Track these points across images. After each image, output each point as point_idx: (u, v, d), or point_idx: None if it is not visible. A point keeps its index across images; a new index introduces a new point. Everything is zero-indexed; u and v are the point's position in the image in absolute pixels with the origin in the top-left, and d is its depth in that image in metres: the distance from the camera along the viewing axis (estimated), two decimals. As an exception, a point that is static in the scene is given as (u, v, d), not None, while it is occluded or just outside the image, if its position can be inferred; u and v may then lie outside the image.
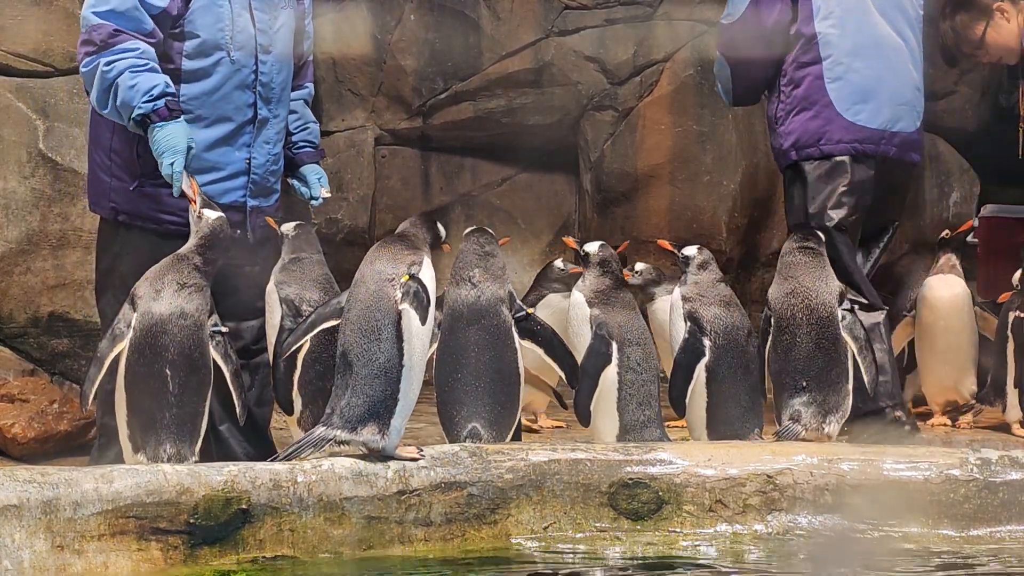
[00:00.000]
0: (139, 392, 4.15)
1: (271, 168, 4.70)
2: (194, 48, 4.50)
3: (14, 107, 6.33)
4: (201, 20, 4.49)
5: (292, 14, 4.73)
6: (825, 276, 4.66)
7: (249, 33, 4.57)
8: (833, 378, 4.58)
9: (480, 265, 4.52)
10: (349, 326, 3.92)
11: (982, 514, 4.06)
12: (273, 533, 3.76)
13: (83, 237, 6.21)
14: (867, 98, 5.21)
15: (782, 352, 4.60)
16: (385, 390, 3.87)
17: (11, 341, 6.39)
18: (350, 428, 3.86)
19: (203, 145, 4.51)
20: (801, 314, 4.59)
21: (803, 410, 4.56)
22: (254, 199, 4.66)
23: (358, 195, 7.19)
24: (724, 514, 4.05)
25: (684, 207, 7.23)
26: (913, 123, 5.32)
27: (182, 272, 4.23)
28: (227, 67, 4.54)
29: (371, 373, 3.86)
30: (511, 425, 4.47)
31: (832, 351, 4.58)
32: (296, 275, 4.58)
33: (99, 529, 3.58)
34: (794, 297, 4.61)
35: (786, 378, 4.60)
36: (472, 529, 3.96)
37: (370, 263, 3.98)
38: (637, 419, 4.60)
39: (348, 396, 3.86)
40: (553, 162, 7.51)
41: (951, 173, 7.54)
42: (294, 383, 4.47)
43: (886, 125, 5.24)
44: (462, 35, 7.17)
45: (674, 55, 7.25)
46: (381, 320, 3.87)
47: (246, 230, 4.66)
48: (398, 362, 3.88)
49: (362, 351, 3.86)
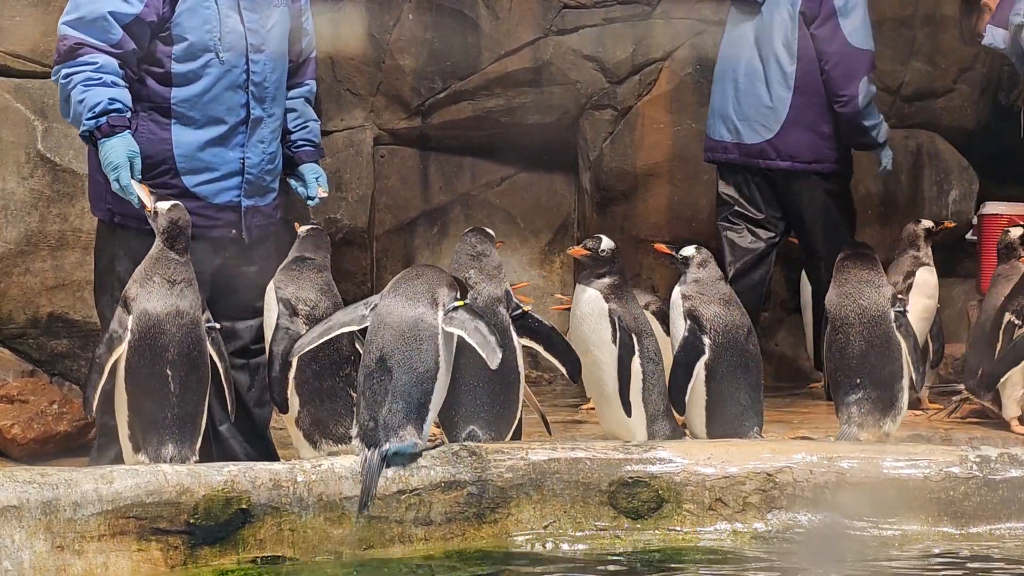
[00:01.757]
0: (140, 393, 4.15)
1: (267, 167, 4.69)
2: (183, 51, 4.50)
3: (12, 108, 6.33)
4: (188, 23, 4.49)
5: (286, 12, 4.72)
6: (878, 279, 4.81)
7: (239, 33, 4.55)
8: (887, 376, 4.72)
9: (475, 266, 4.53)
10: (388, 331, 3.98)
11: (982, 512, 4.06)
12: (273, 533, 3.76)
13: (82, 238, 6.21)
14: (714, 115, 6.39)
15: (837, 351, 4.76)
16: (422, 397, 3.97)
17: (10, 342, 6.39)
18: (396, 436, 3.93)
19: (196, 146, 4.52)
20: (854, 314, 4.75)
21: (857, 410, 4.69)
22: (249, 199, 4.65)
23: (357, 195, 7.18)
24: (724, 512, 4.05)
25: (683, 205, 7.22)
26: (759, 136, 6.22)
27: (167, 268, 4.23)
28: (217, 68, 4.52)
29: (411, 380, 3.95)
30: (510, 425, 4.48)
31: (885, 349, 4.72)
32: (296, 276, 4.58)
33: (99, 529, 3.58)
34: (847, 298, 4.78)
35: (841, 376, 4.74)
36: (472, 528, 3.96)
37: (408, 281, 4.10)
38: (658, 409, 4.69)
39: (390, 402, 3.93)
40: (552, 161, 7.51)
41: (950, 171, 7.52)
42: (289, 382, 4.47)
43: (726, 137, 6.32)
44: (461, 34, 7.16)
45: (673, 54, 7.24)
46: (424, 332, 3.99)
47: (241, 230, 4.65)
48: (435, 369, 3.99)
49: (403, 358, 3.96)
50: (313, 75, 4.98)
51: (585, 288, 4.74)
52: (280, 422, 4.79)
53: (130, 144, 4.34)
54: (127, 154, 4.31)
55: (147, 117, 4.50)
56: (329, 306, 4.49)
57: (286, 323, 4.45)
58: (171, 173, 4.51)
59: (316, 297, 4.52)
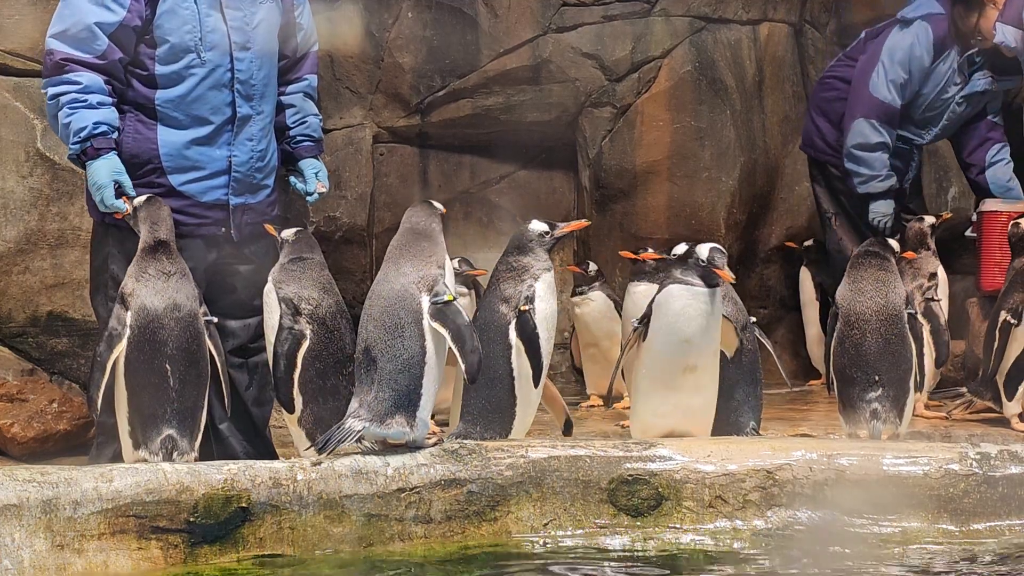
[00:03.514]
0: (140, 389, 4.16)
1: (256, 165, 4.67)
2: (165, 53, 4.50)
3: (12, 106, 6.33)
4: (168, 24, 4.49)
5: (275, 8, 4.69)
6: (893, 276, 4.81)
7: (221, 32, 4.54)
8: (903, 375, 4.73)
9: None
10: (371, 322, 3.99)
11: (982, 508, 4.06)
12: (273, 531, 3.76)
13: (81, 236, 6.21)
14: None
15: (852, 348, 4.74)
16: (409, 384, 3.96)
17: (10, 340, 6.39)
18: (380, 421, 3.93)
19: (182, 145, 4.54)
20: (871, 311, 4.73)
21: (880, 407, 4.69)
22: (238, 197, 4.64)
23: (356, 193, 7.17)
24: (724, 510, 4.05)
25: (683, 203, 7.22)
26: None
27: (160, 261, 4.25)
28: (200, 69, 4.52)
29: (396, 368, 3.95)
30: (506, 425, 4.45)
31: (901, 348, 4.73)
32: (295, 275, 4.57)
33: (99, 528, 3.58)
34: (862, 294, 4.76)
35: (857, 373, 4.72)
36: (472, 526, 3.96)
37: (394, 264, 4.07)
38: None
39: (375, 391, 3.93)
40: (551, 159, 7.50)
41: (949, 168, 7.52)
42: (295, 382, 4.47)
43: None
44: (460, 32, 7.16)
45: (672, 51, 7.23)
46: (404, 318, 3.98)
47: (230, 228, 4.64)
48: (421, 357, 3.97)
49: (386, 347, 3.96)
50: (313, 69, 4.95)
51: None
52: (280, 420, 4.79)
53: (114, 165, 4.43)
54: (111, 175, 4.41)
55: (133, 118, 4.52)
56: (331, 304, 4.48)
57: (289, 323, 4.45)
58: (158, 172, 4.53)
59: (318, 295, 4.52)
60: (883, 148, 6.47)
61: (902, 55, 6.41)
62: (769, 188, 7.48)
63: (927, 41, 6.40)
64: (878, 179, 6.50)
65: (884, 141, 6.46)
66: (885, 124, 6.43)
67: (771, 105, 7.46)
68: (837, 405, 4.82)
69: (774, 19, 7.48)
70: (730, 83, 7.24)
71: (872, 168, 6.49)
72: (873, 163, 6.48)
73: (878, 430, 4.68)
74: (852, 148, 6.49)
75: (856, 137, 6.46)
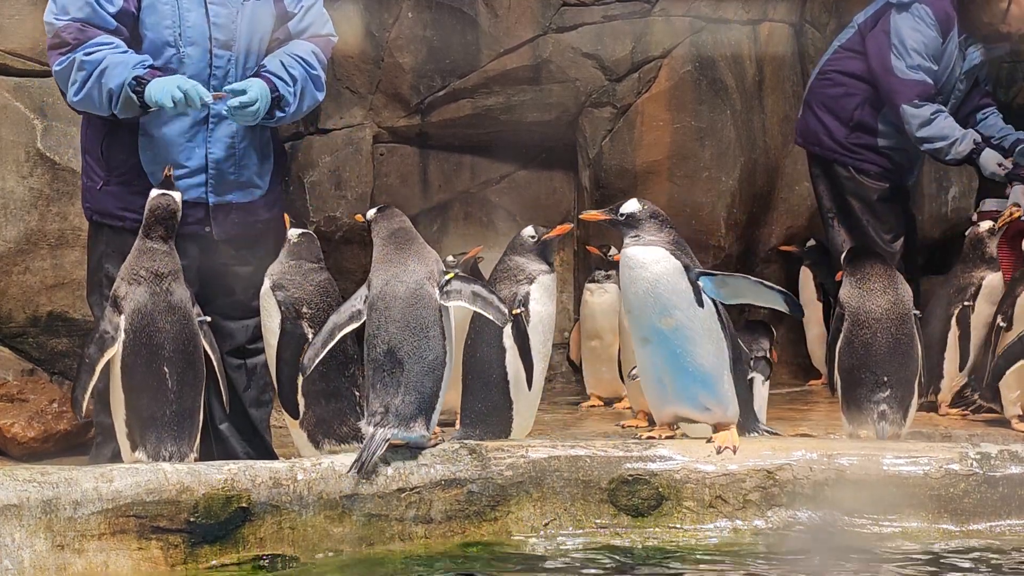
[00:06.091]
0: (138, 392, 4.15)
1: (239, 163, 4.60)
2: (147, 48, 4.45)
3: (12, 106, 6.33)
4: (149, 19, 4.45)
5: (266, 5, 4.60)
6: (896, 277, 4.81)
7: (202, 29, 4.49)
8: (909, 376, 4.73)
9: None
10: (393, 324, 3.97)
11: (982, 508, 4.06)
12: (273, 531, 3.76)
13: (81, 236, 6.20)
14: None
15: (860, 348, 4.72)
16: (433, 386, 3.97)
17: (10, 341, 6.40)
18: (405, 426, 3.93)
19: (161, 143, 4.48)
20: (880, 310, 4.72)
21: (888, 407, 4.69)
22: (217, 195, 4.57)
23: (356, 193, 7.17)
24: (724, 510, 4.05)
25: (683, 203, 7.21)
26: None
27: (152, 260, 4.21)
28: (178, 65, 4.46)
29: (422, 370, 3.95)
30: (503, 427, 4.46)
31: (909, 349, 4.73)
32: (294, 279, 4.56)
33: (99, 528, 3.58)
34: (871, 295, 4.75)
35: (865, 373, 4.71)
36: (472, 526, 3.96)
37: (400, 265, 4.04)
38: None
39: (402, 394, 3.92)
40: (552, 159, 7.51)
41: (949, 168, 7.52)
42: (298, 387, 4.46)
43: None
44: (460, 32, 7.16)
45: (672, 51, 7.24)
46: (427, 317, 3.98)
47: (211, 226, 4.59)
48: (443, 358, 3.98)
49: (412, 348, 3.95)
50: (316, 43, 4.71)
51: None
52: (279, 421, 4.79)
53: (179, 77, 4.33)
54: (179, 80, 4.30)
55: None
56: (332, 306, 4.47)
57: (291, 327, 4.44)
58: (137, 170, 4.49)
59: (318, 298, 4.51)
60: (939, 113, 6.31)
61: (913, 39, 6.31)
62: (769, 188, 7.48)
63: (932, 21, 6.34)
64: (958, 141, 6.31)
65: (936, 108, 6.32)
66: (926, 100, 6.33)
67: (771, 105, 7.46)
68: (840, 405, 4.81)
69: (774, 19, 7.47)
70: (730, 83, 7.24)
71: (946, 136, 6.30)
72: (943, 130, 6.30)
73: (885, 431, 4.67)
74: (917, 134, 6.30)
75: (913, 121, 6.28)
